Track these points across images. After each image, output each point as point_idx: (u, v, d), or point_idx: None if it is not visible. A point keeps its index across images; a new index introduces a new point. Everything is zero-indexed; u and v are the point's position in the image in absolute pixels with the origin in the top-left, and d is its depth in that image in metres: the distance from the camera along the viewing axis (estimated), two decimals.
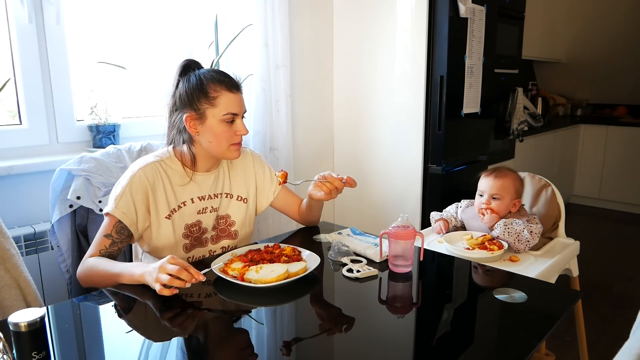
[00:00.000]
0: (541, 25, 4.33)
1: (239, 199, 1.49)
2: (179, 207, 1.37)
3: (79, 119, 1.88)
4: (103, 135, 1.85)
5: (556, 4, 4.63)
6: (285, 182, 1.39)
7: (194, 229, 1.39)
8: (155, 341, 0.95)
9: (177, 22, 1.90)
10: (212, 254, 1.44)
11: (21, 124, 1.74)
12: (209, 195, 1.42)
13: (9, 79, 1.64)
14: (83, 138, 1.88)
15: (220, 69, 1.37)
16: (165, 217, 1.35)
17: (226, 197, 1.46)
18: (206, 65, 2.01)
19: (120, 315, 1.07)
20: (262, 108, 2.26)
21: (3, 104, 1.73)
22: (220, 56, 2.14)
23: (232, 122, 1.33)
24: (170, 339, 0.95)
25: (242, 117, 1.36)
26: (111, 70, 1.92)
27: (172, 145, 1.41)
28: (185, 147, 1.38)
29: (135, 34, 1.85)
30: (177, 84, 1.34)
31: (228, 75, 1.35)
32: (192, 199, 1.39)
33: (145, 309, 1.08)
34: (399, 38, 2.44)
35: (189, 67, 1.36)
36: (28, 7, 1.65)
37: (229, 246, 1.47)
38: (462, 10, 2.31)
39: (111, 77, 1.95)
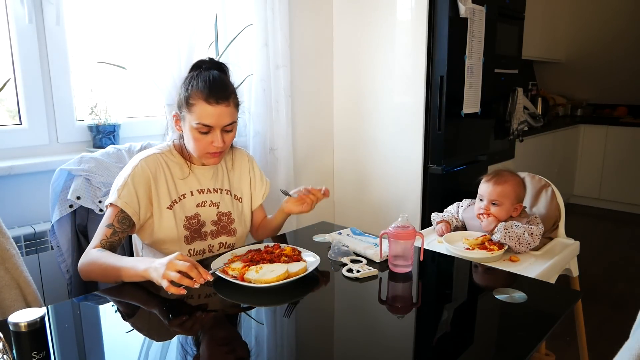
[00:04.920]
0: (541, 25, 4.33)
1: (235, 197, 1.52)
2: (180, 198, 1.40)
3: (79, 119, 1.88)
4: (103, 135, 1.85)
5: (556, 4, 4.63)
6: None
7: (193, 221, 1.41)
8: (157, 341, 0.95)
9: (177, 22, 1.90)
10: (210, 248, 1.45)
11: (21, 124, 1.74)
12: (208, 189, 1.45)
13: (9, 79, 1.64)
14: (83, 138, 1.88)
15: (218, 77, 1.34)
16: (167, 208, 1.37)
17: (226, 193, 1.49)
18: None
19: (123, 318, 1.07)
20: (262, 108, 2.26)
21: (3, 104, 1.73)
22: (220, 56, 2.14)
23: (207, 132, 1.32)
24: (170, 339, 0.95)
25: (225, 129, 1.34)
26: (111, 70, 1.92)
27: (172, 140, 1.45)
28: (182, 141, 1.43)
29: (135, 34, 1.84)
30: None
31: (216, 85, 1.31)
32: (191, 192, 1.42)
33: (148, 312, 1.08)
34: (399, 38, 2.44)
35: (198, 67, 1.37)
36: (28, 7, 1.65)
37: (226, 242, 1.48)
38: (462, 10, 2.31)
39: (111, 77, 1.95)
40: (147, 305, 1.09)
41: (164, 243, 1.37)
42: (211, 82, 1.32)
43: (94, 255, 1.23)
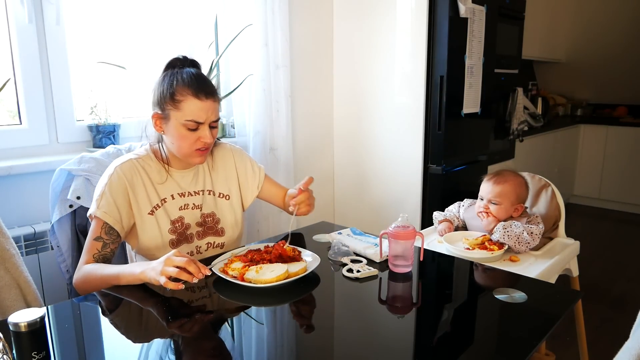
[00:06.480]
0: (541, 25, 4.33)
1: (221, 196, 1.48)
2: (161, 203, 1.37)
3: (79, 119, 1.88)
4: (103, 135, 1.85)
5: (556, 4, 4.63)
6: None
7: (177, 224, 1.39)
8: (137, 342, 0.95)
9: (177, 22, 1.91)
10: (198, 249, 1.43)
11: (21, 124, 1.74)
12: (189, 192, 1.42)
13: (9, 79, 1.64)
14: (83, 138, 1.88)
15: (199, 73, 1.33)
16: (148, 214, 1.34)
17: (208, 194, 1.46)
18: (206, 64, 2.01)
19: (104, 314, 1.07)
20: (262, 108, 2.26)
21: (3, 104, 1.73)
22: (220, 56, 2.15)
23: (195, 129, 1.29)
24: (161, 338, 0.95)
25: (212, 125, 1.32)
26: (111, 70, 1.92)
27: (149, 144, 1.41)
28: (160, 144, 1.39)
29: (135, 34, 1.85)
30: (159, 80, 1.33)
31: (202, 80, 1.30)
32: (172, 196, 1.39)
33: (129, 307, 1.08)
34: (399, 38, 2.44)
35: (173, 65, 1.33)
36: (28, 7, 1.65)
37: (214, 242, 1.46)
38: (462, 10, 2.31)
39: (111, 77, 1.95)
40: (145, 306, 1.09)
41: (149, 249, 1.35)
42: (196, 77, 1.30)
43: (89, 268, 1.22)
